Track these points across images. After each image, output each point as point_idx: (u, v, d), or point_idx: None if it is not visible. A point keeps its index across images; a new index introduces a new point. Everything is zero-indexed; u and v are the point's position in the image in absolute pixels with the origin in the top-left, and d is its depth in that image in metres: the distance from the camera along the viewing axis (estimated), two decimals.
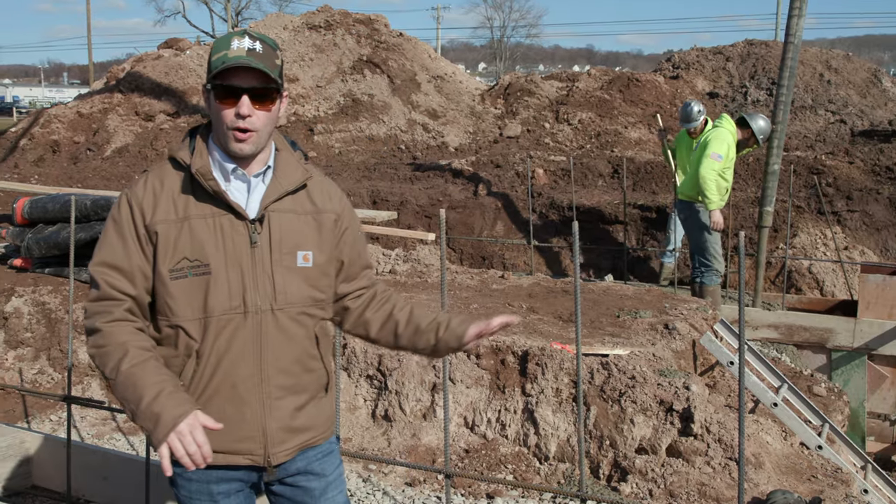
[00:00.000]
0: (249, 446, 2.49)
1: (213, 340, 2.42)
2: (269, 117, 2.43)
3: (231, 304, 2.42)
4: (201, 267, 2.40)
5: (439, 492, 5.03)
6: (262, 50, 2.39)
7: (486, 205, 12.25)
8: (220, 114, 2.39)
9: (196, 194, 2.43)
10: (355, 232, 2.70)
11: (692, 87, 18.34)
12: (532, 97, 17.57)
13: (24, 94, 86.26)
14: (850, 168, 12.27)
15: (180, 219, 2.41)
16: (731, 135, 8.26)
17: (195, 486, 2.54)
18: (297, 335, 2.51)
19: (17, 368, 6.50)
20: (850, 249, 10.92)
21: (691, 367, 6.05)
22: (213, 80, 2.38)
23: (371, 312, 2.75)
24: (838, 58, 19.39)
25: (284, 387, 2.51)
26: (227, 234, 2.42)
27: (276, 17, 20.39)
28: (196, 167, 2.41)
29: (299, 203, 2.54)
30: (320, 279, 2.57)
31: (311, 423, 2.59)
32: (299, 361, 2.53)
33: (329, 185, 2.67)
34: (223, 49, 2.38)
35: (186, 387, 2.43)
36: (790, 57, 8.87)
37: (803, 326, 8.84)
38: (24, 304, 6.84)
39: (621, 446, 5.10)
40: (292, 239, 2.50)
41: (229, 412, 2.44)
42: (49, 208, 7.35)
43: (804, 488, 5.01)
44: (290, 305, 2.49)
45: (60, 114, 16.55)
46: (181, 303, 2.41)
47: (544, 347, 5.54)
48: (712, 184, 8.12)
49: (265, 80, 2.38)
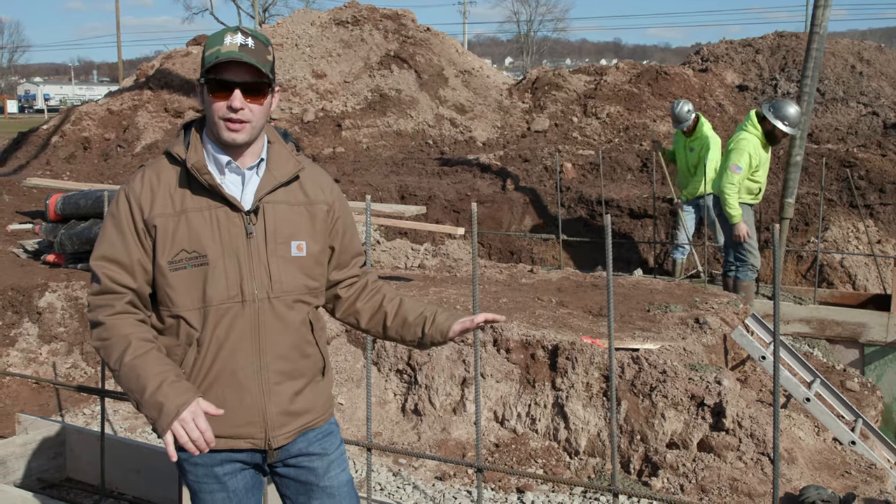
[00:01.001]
0: (250, 430, 2.57)
1: (212, 329, 2.51)
2: (260, 111, 2.50)
3: (229, 293, 2.50)
4: (199, 258, 2.49)
5: (469, 486, 5.03)
6: (254, 46, 2.47)
7: (515, 199, 12.22)
8: (212, 106, 2.47)
9: (192, 188, 2.51)
10: (346, 221, 2.77)
11: (721, 80, 18.19)
12: (560, 91, 17.49)
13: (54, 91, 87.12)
14: (882, 161, 12.11)
15: (177, 212, 2.49)
16: (755, 138, 8.13)
17: (201, 471, 2.62)
18: (293, 322, 2.60)
19: (50, 362, 6.58)
20: (882, 243, 10.78)
21: (722, 361, 6.01)
22: (207, 74, 2.46)
23: (361, 303, 2.84)
24: (870, 49, 19.16)
25: (283, 372, 2.59)
26: (223, 226, 2.51)
27: (303, 14, 20.45)
28: (191, 162, 2.49)
29: (292, 194, 2.62)
30: (314, 268, 2.65)
31: (310, 406, 2.68)
32: (297, 347, 2.62)
33: (321, 176, 2.75)
34: (216, 45, 2.46)
35: (188, 375, 2.52)
36: (815, 48, 8.80)
37: (835, 321, 8.76)
38: (57, 299, 6.92)
39: (652, 441, 5.08)
40: (286, 229, 2.58)
41: (230, 398, 2.53)
42: (81, 204, 7.43)
43: (837, 484, 4.96)
44: (285, 294, 2.57)
45: (91, 111, 16.70)
46: (181, 293, 2.50)
47: (574, 342, 5.53)
48: (732, 198, 8.02)
49: (257, 74, 2.46)
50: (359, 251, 2.84)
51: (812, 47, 8.87)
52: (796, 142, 9.02)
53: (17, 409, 5.90)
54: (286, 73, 17.25)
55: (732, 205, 8.03)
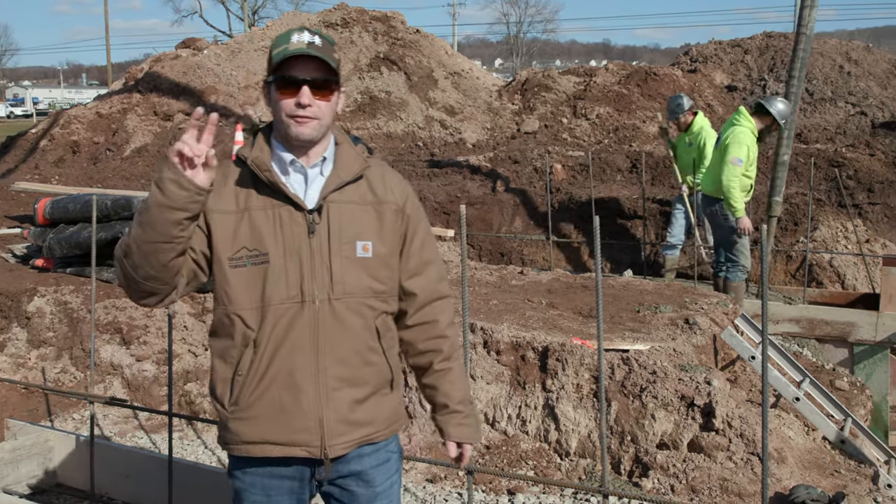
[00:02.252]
0: (306, 437, 2.48)
1: (270, 330, 2.44)
2: (328, 107, 2.46)
3: (289, 293, 2.44)
4: (260, 256, 2.43)
5: (460, 488, 5.03)
6: (321, 43, 2.44)
7: (505, 201, 12.23)
8: (279, 103, 2.43)
9: (257, 187, 2.47)
10: (417, 223, 2.66)
11: (710, 80, 18.25)
12: (549, 92, 17.52)
13: (43, 95, 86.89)
14: (870, 160, 12.17)
15: (241, 210, 2.45)
16: (749, 132, 8.14)
17: (249, 479, 2.57)
18: (354, 326, 2.50)
19: (39, 368, 6.56)
20: (871, 242, 10.83)
21: (712, 361, 6.03)
22: (275, 72, 2.43)
23: (421, 343, 2.72)
24: (858, 49, 19.25)
25: (342, 378, 2.50)
26: (285, 225, 2.45)
27: (292, 16, 20.45)
28: (252, 158, 2.46)
29: (360, 193, 2.55)
30: (381, 270, 2.55)
31: (372, 417, 2.57)
32: (358, 353, 2.52)
33: (391, 176, 2.66)
34: (283, 43, 2.43)
35: (244, 377, 2.46)
36: (802, 48, 8.87)
37: (825, 320, 8.78)
38: (46, 303, 6.89)
39: (642, 441, 5.08)
40: (352, 229, 2.51)
41: (286, 401, 2.46)
42: (70, 208, 7.41)
43: (827, 483, 4.98)
44: (347, 296, 2.49)
45: (80, 114, 16.65)
46: (239, 291, 2.45)
47: (564, 343, 5.53)
48: (735, 191, 7.96)
49: (325, 70, 2.43)
50: (430, 258, 2.70)
51: (799, 48, 8.95)
52: (784, 141, 9.08)
53: (5, 414, 5.88)
54: None
55: (737, 198, 7.99)
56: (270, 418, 2.46)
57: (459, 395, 2.74)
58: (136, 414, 6.09)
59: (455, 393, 2.73)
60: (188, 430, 5.93)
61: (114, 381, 6.41)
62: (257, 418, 2.47)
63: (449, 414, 2.74)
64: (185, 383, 6.21)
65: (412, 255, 2.64)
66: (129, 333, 6.55)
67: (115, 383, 6.40)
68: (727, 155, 8.01)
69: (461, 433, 2.74)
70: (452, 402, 2.73)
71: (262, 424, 2.46)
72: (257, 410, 2.47)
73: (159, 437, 5.80)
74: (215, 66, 17.27)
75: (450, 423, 2.74)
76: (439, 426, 2.76)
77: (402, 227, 2.61)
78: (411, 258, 2.64)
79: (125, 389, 6.36)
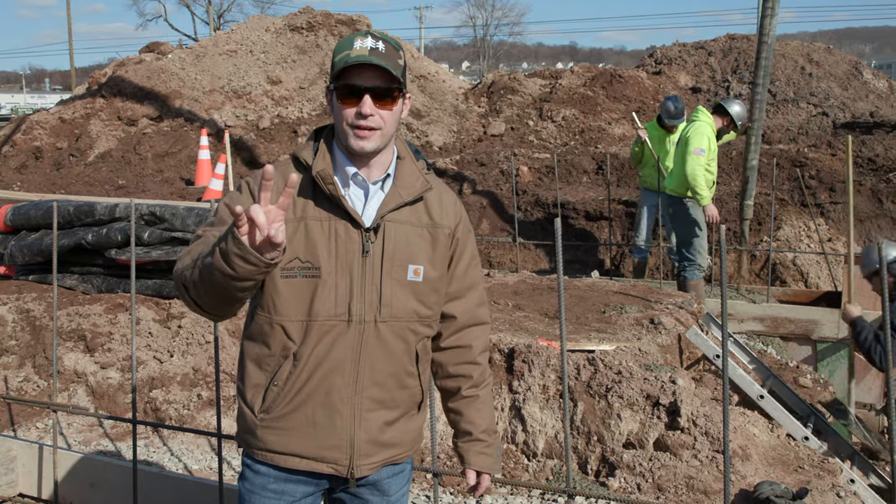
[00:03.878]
0: (335, 455, 2.45)
1: (313, 345, 2.40)
2: (391, 116, 2.40)
3: (336, 310, 2.39)
4: (312, 269, 2.38)
5: (428, 490, 5.04)
6: (385, 49, 2.37)
7: (471, 203, 12.26)
8: (341, 113, 2.37)
9: (315, 197, 2.41)
10: (465, 246, 2.62)
11: (675, 82, 18.40)
12: (515, 95, 17.58)
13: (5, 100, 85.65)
14: (832, 160, 12.34)
15: (297, 218, 2.38)
16: (709, 126, 8.28)
17: (261, 480, 2.52)
18: (396, 349, 2.47)
19: (2, 377, 6.47)
20: (833, 241, 10.98)
21: (677, 361, 6.08)
22: (336, 80, 2.37)
23: (452, 367, 2.69)
24: (819, 51, 19.50)
25: (378, 400, 2.47)
26: (340, 240, 2.39)
27: (258, 20, 20.35)
28: (317, 169, 2.39)
29: (416, 215, 2.49)
30: (429, 295, 2.51)
31: (399, 439, 2.56)
32: (395, 376, 2.49)
33: (448, 198, 2.60)
34: (346, 49, 2.37)
35: (280, 387, 2.42)
36: (764, 56, 9.05)
37: (788, 318, 8.89)
38: (8, 311, 6.81)
39: (609, 441, 5.11)
40: (405, 251, 2.45)
41: (320, 418, 2.42)
42: (32, 215, 7.32)
43: (791, 479, 5.03)
44: (393, 319, 2.45)
45: (42, 120, 16.47)
46: (287, 302, 2.39)
47: (530, 344, 5.55)
48: (701, 179, 8.12)
49: (388, 78, 2.36)
50: (473, 283, 2.66)
51: (762, 56, 9.17)
52: (752, 147, 9.32)
53: None
54: (241, 79, 17.14)
55: (702, 185, 8.13)
56: (301, 432, 2.43)
57: (485, 423, 2.71)
58: (100, 422, 6.03)
59: (480, 421, 2.70)
60: (154, 438, 5.88)
61: (78, 389, 6.34)
62: (288, 430, 2.44)
63: (472, 442, 2.70)
64: (151, 390, 6.15)
65: (455, 278, 2.61)
66: (93, 340, 6.49)
67: (79, 391, 6.33)
68: (689, 146, 8.19)
69: (482, 462, 2.70)
70: (476, 431, 2.70)
71: (293, 437, 2.43)
72: (289, 423, 2.44)
73: (125, 444, 5.74)
74: (180, 71, 17.15)
75: (471, 450, 2.70)
76: (460, 452, 2.72)
77: (451, 250, 2.57)
78: (454, 281, 2.61)
79: (90, 397, 6.30)
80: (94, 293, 6.92)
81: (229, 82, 17.05)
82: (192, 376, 6.19)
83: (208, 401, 6.00)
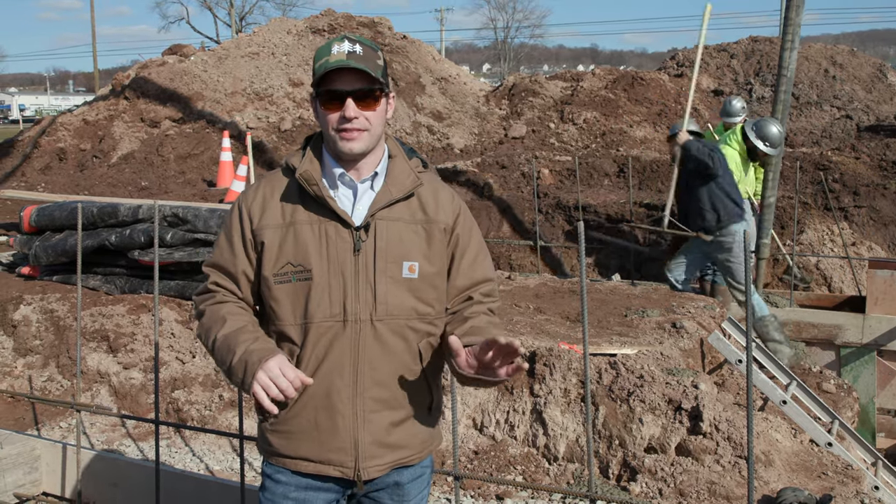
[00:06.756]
0: (341, 458, 2.45)
1: (312, 347, 2.42)
2: (376, 117, 2.43)
3: (331, 311, 2.41)
4: (304, 272, 2.41)
5: (449, 493, 5.03)
6: (363, 52, 2.40)
7: (492, 206, 12.24)
8: (326, 119, 2.42)
9: (304, 201, 2.44)
10: (467, 241, 2.58)
11: (697, 84, 18.29)
12: (536, 97, 17.55)
13: (29, 102, 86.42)
14: (856, 163, 12.24)
15: (287, 224, 2.43)
16: (735, 153, 8.16)
17: (281, 489, 2.53)
18: (396, 348, 2.45)
19: (26, 376, 6.53)
20: (857, 245, 10.88)
21: (699, 365, 6.04)
22: (317, 86, 2.41)
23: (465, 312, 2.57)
24: (843, 53, 19.36)
25: (380, 400, 2.46)
26: (331, 241, 2.41)
27: (279, 22, 20.41)
28: (300, 171, 2.43)
29: (410, 211, 2.49)
30: (427, 291, 2.49)
31: (408, 441, 2.53)
32: (398, 376, 2.47)
33: (443, 193, 2.58)
34: (324, 55, 2.41)
35: None
36: (783, 90, 8.56)
37: (812, 323, 8.82)
38: (32, 311, 6.87)
39: (630, 446, 5.09)
40: (398, 248, 2.45)
41: (322, 420, 2.44)
42: (56, 216, 7.38)
43: (815, 485, 5.00)
44: (390, 317, 2.44)
45: (66, 121, 16.60)
46: (284, 307, 2.44)
47: (552, 348, 5.54)
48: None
49: (368, 80, 2.39)
50: (482, 278, 2.61)
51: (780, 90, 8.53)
52: (769, 184, 8.69)
53: None
54: (262, 81, 17.21)
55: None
56: (307, 435, 2.46)
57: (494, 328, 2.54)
58: (123, 422, 6.07)
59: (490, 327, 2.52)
60: (176, 438, 5.91)
61: (101, 389, 6.38)
62: (294, 434, 2.47)
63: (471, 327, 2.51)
64: (173, 391, 6.18)
65: (462, 272, 2.57)
66: (116, 341, 6.53)
67: (102, 391, 6.38)
68: None
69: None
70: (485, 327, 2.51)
71: (298, 440, 2.46)
72: (293, 426, 2.47)
73: (147, 445, 5.78)
74: (202, 73, 17.23)
75: None
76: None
77: (450, 246, 2.54)
78: (461, 275, 2.57)
79: (112, 397, 6.34)
80: (117, 294, 6.97)
81: (251, 84, 17.11)
82: (214, 377, 6.21)
83: (230, 402, 6.02)
